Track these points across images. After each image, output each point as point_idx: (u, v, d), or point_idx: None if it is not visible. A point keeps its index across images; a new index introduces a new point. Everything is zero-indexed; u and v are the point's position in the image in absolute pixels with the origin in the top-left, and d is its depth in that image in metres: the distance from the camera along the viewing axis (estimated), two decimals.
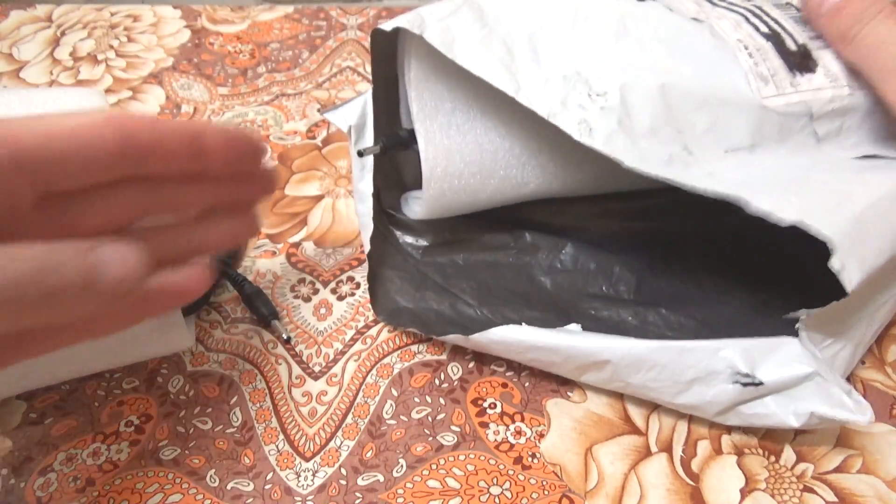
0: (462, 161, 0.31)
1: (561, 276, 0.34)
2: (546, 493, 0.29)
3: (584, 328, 0.30)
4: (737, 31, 0.30)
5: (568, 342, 0.29)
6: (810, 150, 0.29)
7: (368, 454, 0.30)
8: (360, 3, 0.56)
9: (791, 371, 0.27)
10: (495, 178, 0.31)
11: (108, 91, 0.48)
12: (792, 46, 0.30)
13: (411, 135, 0.31)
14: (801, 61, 0.29)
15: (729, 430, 0.30)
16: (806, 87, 0.29)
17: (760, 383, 0.27)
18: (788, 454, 0.29)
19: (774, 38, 0.30)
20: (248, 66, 0.50)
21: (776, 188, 0.26)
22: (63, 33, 0.52)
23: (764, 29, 0.30)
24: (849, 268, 0.24)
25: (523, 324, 0.30)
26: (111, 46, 0.51)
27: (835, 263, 0.24)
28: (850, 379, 0.32)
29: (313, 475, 0.29)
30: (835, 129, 0.29)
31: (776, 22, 0.30)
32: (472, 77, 0.28)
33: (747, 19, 0.30)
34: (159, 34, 0.52)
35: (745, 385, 0.27)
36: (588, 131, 0.26)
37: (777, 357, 0.27)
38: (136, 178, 0.21)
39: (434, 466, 0.29)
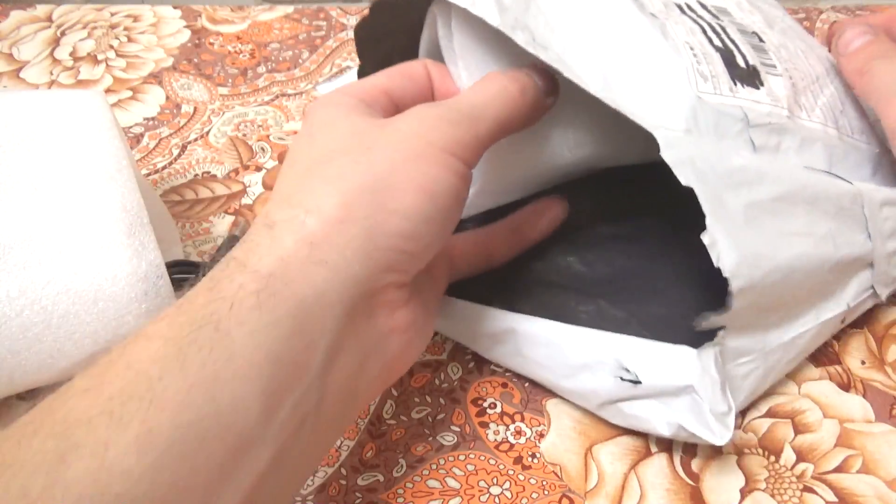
0: None
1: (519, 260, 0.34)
2: (546, 493, 0.29)
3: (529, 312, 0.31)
4: (689, 36, 0.30)
5: (482, 313, 0.31)
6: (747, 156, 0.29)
7: (368, 454, 0.30)
8: (360, 3, 0.56)
9: (669, 379, 0.27)
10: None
11: (108, 91, 0.48)
12: (741, 63, 0.30)
13: None
14: (745, 76, 0.30)
15: None
16: (745, 96, 0.29)
17: (638, 382, 0.27)
18: (788, 454, 0.29)
19: (725, 52, 0.30)
20: (248, 66, 0.50)
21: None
22: (63, 33, 0.52)
23: (717, 43, 0.30)
24: (721, 245, 0.25)
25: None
26: (111, 46, 0.51)
27: (706, 237, 0.25)
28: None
29: (313, 475, 0.29)
30: (772, 145, 0.29)
31: (733, 42, 0.31)
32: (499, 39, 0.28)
33: (704, 31, 0.31)
34: (159, 34, 0.52)
35: (623, 380, 0.27)
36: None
37: (666, 363, 0.27)
38: None
39: (434, 466, 0.29)
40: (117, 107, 0.47)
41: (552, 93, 0.28)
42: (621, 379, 0.27)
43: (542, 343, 0.29)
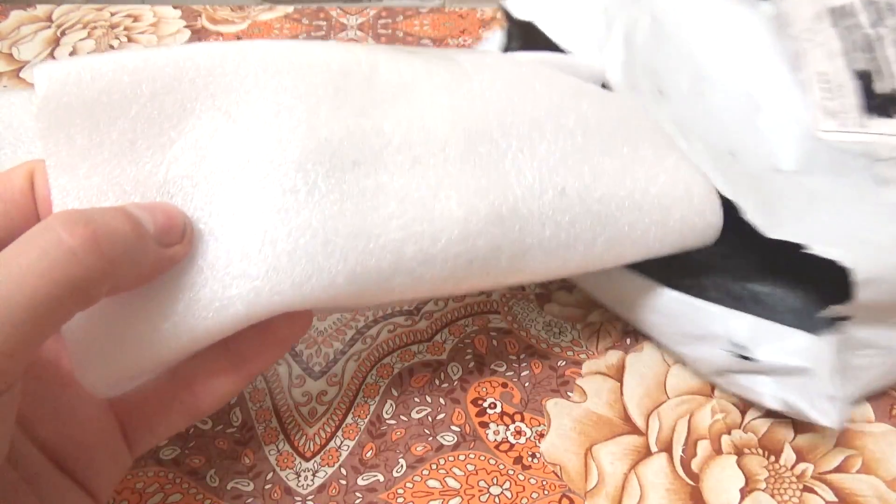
0: None
1: None
2: (546, 493, 0.29)
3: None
4: (827, 60, 0.29)
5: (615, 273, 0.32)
6: (869, 192, 0.29)
7: (368, 454, 0.30)
8: (360, 3, 0.56)
9: (786, 360, 0.28)
10: None
11: None
12: (882, 89, 0.29)
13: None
14: (880, 105, 0.29)
15: (729, 429, 0.30)
16: (875, 129, 0.29)
17: (750, 359, 0.28)
18: (788, 454, 0.29)
19: (865, 77, 0.30)
20: None
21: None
22: (63, 33, 0.52)
23: (862, 64, 0.30)
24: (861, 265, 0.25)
25: None
26: (111, 46, 0.51)
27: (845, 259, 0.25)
28: None
29: (313, 475, 0.29)
30: None
31: (885, 59, 0.30)
32: None
33: (852, 49, 0.30)
34: (159, 34, 0.52)
35: (735, 356, 0.29)
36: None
37: (782, 344, 0.28)
38: None
39: (434, 466, 0.30)
40: None
41: (176, 239, 0.22)
42: (733, 354, 0.29)
43: (660, 311, 0.31)
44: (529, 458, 0.30)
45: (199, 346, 0.24)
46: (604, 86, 0.32)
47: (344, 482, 0.29)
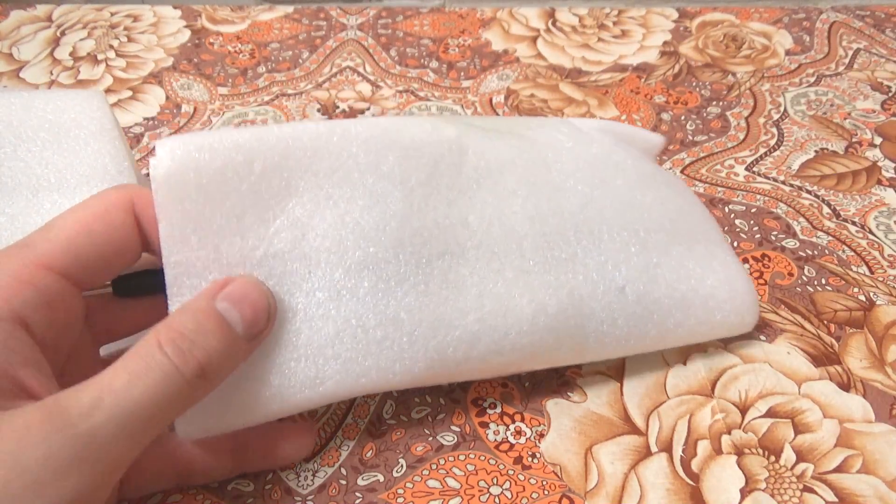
0: None
1: None
2: (546, 493, 0.29)
3: None
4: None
5: None
6: None
7: (368, 454, 0.30)
8: (360, 3, 0.56)
9: None
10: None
11: (108, 91, 0.48)
12: None
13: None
14: None
15: (729, 429, 0.30)
16: None
17: None
18: (788, 454, 0.29)
19: None
20: (248, 66, 0.50)
21: None
22: (63, 33, 0.52)
23: None
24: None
25: None
26: (111, 46, 0.51)
27: None
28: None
29: (313, 475, 0.29)
30: None
31: None
32: None
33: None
34: (159, 34, 0.52)
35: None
36: None
37: None
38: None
39: (434, 466, 0.30)
40: (117, 107, 0.47)
41: (262, 327, 0.24)
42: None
43: None
44: (529, 458, 0.30)
45: (288, 414, 0.26)
46: None
47: (344, 482, 0.29)
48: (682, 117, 0.46)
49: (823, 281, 0.36)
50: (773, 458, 0.29)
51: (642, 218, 0.30)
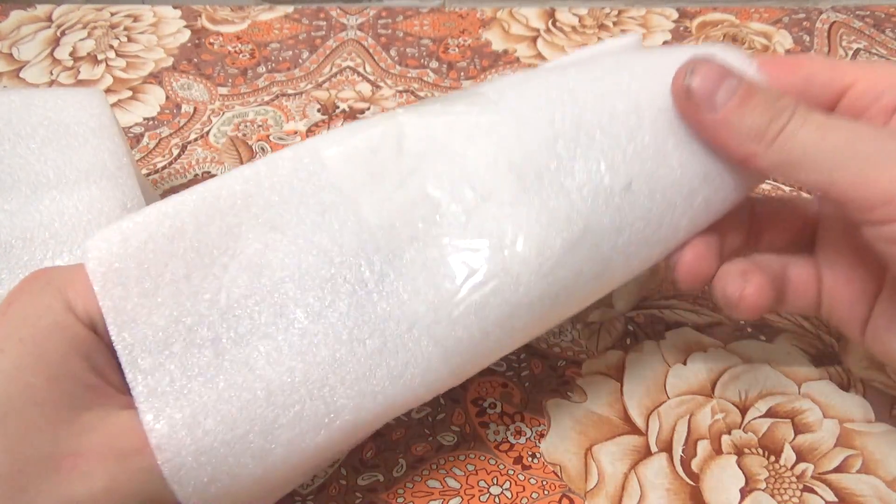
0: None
1: None
2: (546, 493, 0.29)
3: None
4: None
5: None
6: None
7: (368, 454, 0.30)
8: (360, 3, 0.56)
9: None
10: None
11: (108, 91, 0.48)
12: None
13: None
14: None
15: (729, 429, 0.30)
16: None
17: None
18: (788, 454, 0.29)
19: None
20: (248, 66, 0.50)
21: None
22: (63, 33, 0.52)
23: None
24: None
25: None
26: (111, 46, 0.51)
27: None
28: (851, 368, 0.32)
29: (313, 475, 0.29)
30: None
31: None
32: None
33: None
34: (159, 34, 0.52)
35: None
36: None
37: None
38: None
39: (434, 466, 0.29)
40: (117, 107, 0.47)
41: None
42: None
43: None
44: (529, 458, 0.30)
45: (311, 470, 0.24)
46: None
47: (344, 482, 0.29)
48: None
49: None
50: (773, 458, 0.29)
51: (629, 103, 0.26)
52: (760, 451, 0.30)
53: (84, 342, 0.21)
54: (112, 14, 0.54)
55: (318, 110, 0.46)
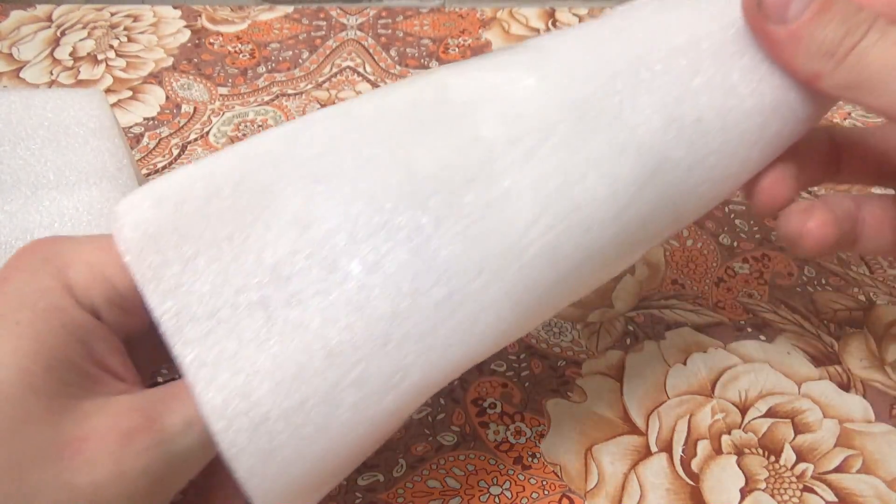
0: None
1: None
2: (546, 493, 0.29)
3: None
4: None
5: None
6: None
7: None
8: (360, 3, 0.56)
9: None
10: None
11: (108, 91, 0.48)
12: None
13: None
14: None
15: (729, 429, 0.30)
16: None
17: None
18: (788, 454, 0.29)
19: None
20: (248, 66, 0.50)
21: None
22: (63, 33, 0.52)
23: None
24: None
25: None
26: (111, 46, 0.51)
27: None
28: (850, 376, 0.32)
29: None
30: None
31: None
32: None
33: None
34: (159, 34, 0.52)
35: None
36: None
37: None
38: None
39: (434, 466, 0.29)
40: (117, 107, 0.47)
41: None
42: None
43: None
44: (529, 458, 0.30)
45: (376, 435, 0.22)
46: None
47: (344, 482, 0.29)
48: None
49: (823, 281, 0.36)
50: (773, 458, 0.29)
51: (687, 36, 0.24)
52: (760, 451, 0.30)
53: (83, 328, 0.21)
54: (112, 14, 0.54)
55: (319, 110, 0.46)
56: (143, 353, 0.23)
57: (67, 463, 0.19)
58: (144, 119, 0.46)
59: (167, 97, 0.47)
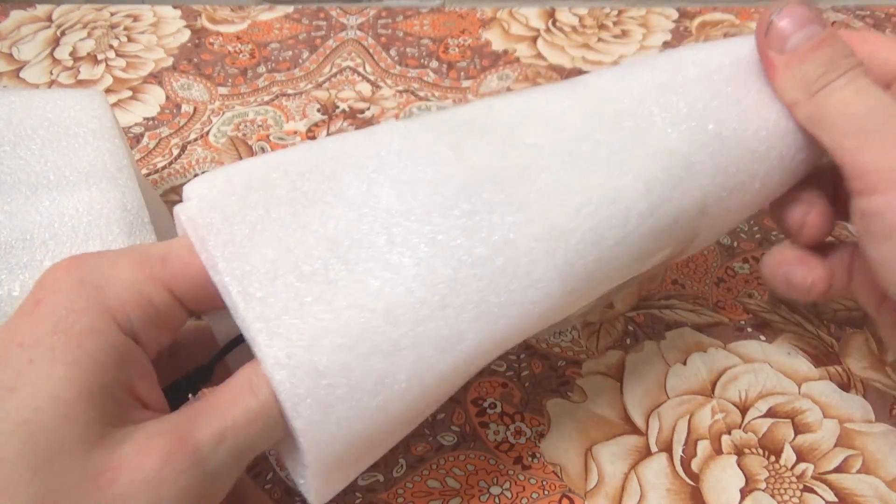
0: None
1: None
2: (546, 493, 0.29)
3: None
4: None
5: None
6: None
7: None
8: (360, 3, 0.56)
9: None
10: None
11: (108, 91, 0.48)
12: None
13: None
14: None
15: (729, 429, 0.30)
16: None
17: None
18: (788, 454, 0.29)
19: None
20: (248, 66, 0.50)
21: None
22: (63, 33, 0.52)
23: None
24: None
25: None
26: (111, 46, 0.51)
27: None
28: (850, 375, 0.32)
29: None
30: None
31: None
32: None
33: None
34: (159, 34, 0.52)
35: None
36: None
37: None
38: None
39: (434, 466, 0.29)
40: (117, 107, 0.47)
41: None
42: None
43: None
44: (529, 458, 0.30)
45: (430, 399, 0.23)
46: None
47: None
48: None
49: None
50: (773, 458, 0.29)
51: (710, 56, 0.27)
52: (760, 451, 0.30)
53: (120, 352, 0.20)
54: (112, 14, 0.54)
55: (318, 110, 0.46)
56: (159, 370, 0.23)
57: (103, 493, 0.18)
58: (144, 119, 0.46)
59: (167, 97, 0.47)
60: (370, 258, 0.22)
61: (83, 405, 0.19)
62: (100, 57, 0.50)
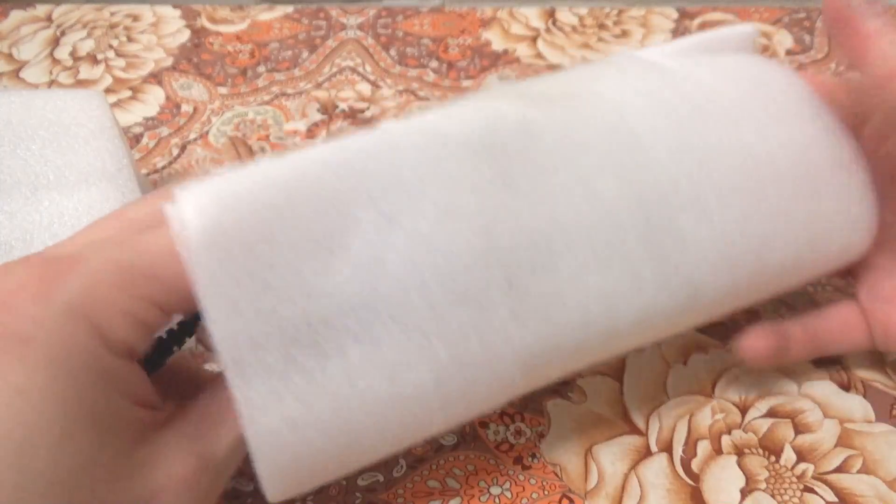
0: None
1: None
2: (546, 493, 0.29)
3: None
4: None
5: None
6: None
7: None
8: (360, 3, 0.56)
9: None
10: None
11: (108, 91, 0.48)
12: None
13: None
14: None
15: (729, 429, 0.30)
16: None
17: None
18: (788, 454, 0.29)
19: None
20: (248, 66, 0.50)
21: None
22: (63, 33, 0.52)
23: None
24: None
25: None
26: (111, 46, 0.51)
27: None
28: (849, 375, 0.32)
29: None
30: None
31: None
32: None
33: None
34: (159, 34, 0.52)
35: None
36: None
37: None
38: None
39: (434, 466, 0.29)
40: (117, 107, 0.47)
41: None
42: None
43: None
44: (529, 458, 0.30)
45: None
46: None
47: (344, 482, 0.29)
48: None
49: (824, 280, 0.36)
50: (773, 458, 0.29)
51: (750, 167, 0.25)
52: (761, 451, 0.30)
53: (120, 377, 0.19)
54: (112, 14, 0.54)
55: (318, 110, 0.46)
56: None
57: None
58: (144, 119, 0.46)
59: (167, 97, 0.47)
60: (370, 337, 0.21)
61: (101, 442, 0.19)
62: (99, 57, 0.50)
